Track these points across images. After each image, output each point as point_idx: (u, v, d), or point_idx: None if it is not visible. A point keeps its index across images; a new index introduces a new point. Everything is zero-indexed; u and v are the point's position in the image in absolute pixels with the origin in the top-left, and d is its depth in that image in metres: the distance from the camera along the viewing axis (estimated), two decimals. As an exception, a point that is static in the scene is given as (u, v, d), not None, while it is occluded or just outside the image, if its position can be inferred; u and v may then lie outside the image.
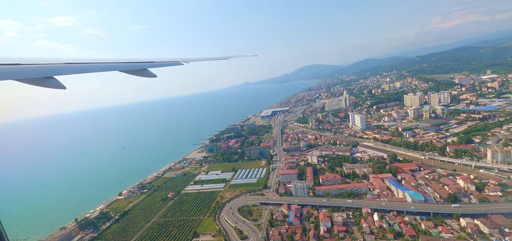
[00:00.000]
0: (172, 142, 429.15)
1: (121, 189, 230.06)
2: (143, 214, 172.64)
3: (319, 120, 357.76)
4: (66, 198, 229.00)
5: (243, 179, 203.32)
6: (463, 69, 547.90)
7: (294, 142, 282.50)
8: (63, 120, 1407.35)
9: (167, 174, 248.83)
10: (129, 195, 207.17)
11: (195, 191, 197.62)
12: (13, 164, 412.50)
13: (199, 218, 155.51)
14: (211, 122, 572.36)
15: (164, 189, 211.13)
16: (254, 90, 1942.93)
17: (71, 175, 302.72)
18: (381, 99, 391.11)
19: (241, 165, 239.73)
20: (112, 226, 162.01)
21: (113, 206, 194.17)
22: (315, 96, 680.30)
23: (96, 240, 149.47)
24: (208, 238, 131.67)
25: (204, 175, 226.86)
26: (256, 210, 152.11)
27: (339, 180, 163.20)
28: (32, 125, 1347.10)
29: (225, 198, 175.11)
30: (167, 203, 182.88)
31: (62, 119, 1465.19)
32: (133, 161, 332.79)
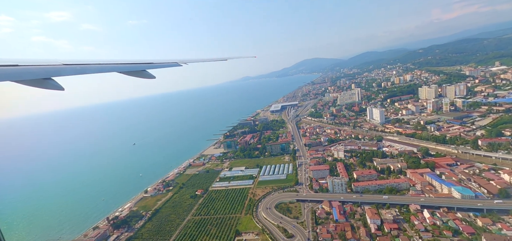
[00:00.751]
0: (183, 138, 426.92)
1: (144, 187, 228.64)
2: (175, 212, 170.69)
3: (333, 114, 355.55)
4: (89, 196, 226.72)
5: (270, 175, 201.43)
6: (469, 61, 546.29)
7: (313, 137, 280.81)
8: (63, 117, 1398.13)
9: (189, 171, 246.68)
10: (155, 193, 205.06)
11: (223, 188, 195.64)
12: (22, 164, 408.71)
13: (235, 216, 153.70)
14: (219, 118, 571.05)
15: (190, 186, 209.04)
16: (255, 84, 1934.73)
17: (87, 173, 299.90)
18: (394, 92, 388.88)
19: (264, 161, 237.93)
20: (146, 224, 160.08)
21: (141, 204, 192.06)
22: (321, 90, 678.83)
23: (133, 239, 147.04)
24: (251, 237, 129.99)
25: (228, 172, 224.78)
26: (294, 207, 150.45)
27: (375, 175, 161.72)
28: (32, 122, 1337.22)
29: (258, 195, 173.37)
30: (197, 201, 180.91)
31: (62, 116, 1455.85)
32: (147, 158, 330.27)
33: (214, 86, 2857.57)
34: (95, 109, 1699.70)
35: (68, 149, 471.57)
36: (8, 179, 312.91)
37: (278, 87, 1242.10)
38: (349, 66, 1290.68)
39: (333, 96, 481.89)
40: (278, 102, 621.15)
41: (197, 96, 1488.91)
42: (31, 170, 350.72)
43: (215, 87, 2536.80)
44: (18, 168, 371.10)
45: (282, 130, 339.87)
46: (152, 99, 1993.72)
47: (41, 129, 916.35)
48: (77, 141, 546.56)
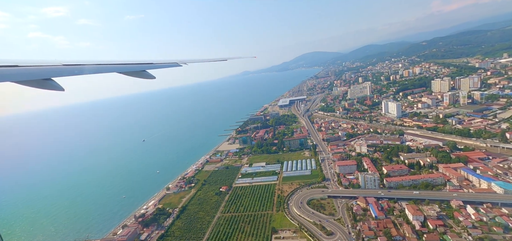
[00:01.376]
0: (192, 134, 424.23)
1: (162, 184, 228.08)
2: (202, 209, 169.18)
3: (346, 108, 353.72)
4: (108, 194, 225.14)
5: (294, 171, 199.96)
6: (475, 53, 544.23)
7: (330, 132, 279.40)
8: (65, 114, 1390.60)
9: (207, 167, 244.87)
10: (177, 190, 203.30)
11: (247, 184, 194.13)
12: (33, 162, 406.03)
13: (266, 213, 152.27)
14: (225, 113, 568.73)
15: (212, 183, 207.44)
16: (256, 79, 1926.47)
17: (101, 170, 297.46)
18: (406, 85, 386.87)
19: (284, 157, 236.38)
20: (175, 222, 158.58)
21: (165, 201, 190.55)
22: (326, 83, 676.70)
23: (165, 237, 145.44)
24: (289, 235, 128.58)
25: (249, 168, 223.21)
26: (327, 203, 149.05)
27: (406, 170, 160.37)
28: (33, 120, 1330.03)
29: (285, 192, 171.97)
30: (223, 198, 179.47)
31: (64, 113, 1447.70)
32: (160, 155, 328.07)
33: (213, 81, 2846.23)
34: (96, 106, 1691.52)
35: (77, 146, 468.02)
36: (21, 178, 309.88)
37: (280, 81, 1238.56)
38: (350, 59, 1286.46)
39: (342, 90, 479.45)
40: (284, 97, 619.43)
41: (197, 92, 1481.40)
42: (43, 168, 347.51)
43: (214, 82, 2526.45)
44: (29, 166, 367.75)
45: (295, 125, 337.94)
46: (151, 96, 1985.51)
47: (45, 126, 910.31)
48: (85, 138, 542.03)
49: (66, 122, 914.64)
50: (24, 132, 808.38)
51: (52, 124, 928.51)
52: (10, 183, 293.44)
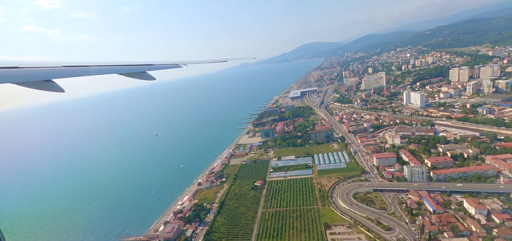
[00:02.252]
0: (206, 128, 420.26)
1: (188, 178, 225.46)
2: (242, 204, 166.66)
3: (363, 99, 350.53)
4: (138, 190, 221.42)
5: (328, 164, 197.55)
6: (483, 41, 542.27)
7: (353, 123, 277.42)
8: (65, 108, 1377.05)
9: (233, 161, 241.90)
10: (209, 185, 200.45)
11: (282, 178, 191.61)
12: (45, 158, 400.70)
13: (311, 207, 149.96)
14: (234, 106, 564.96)
15: (243, 177, 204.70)
16: (255, 71, 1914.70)
17: (122, 165, 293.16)
18: (422, 75, 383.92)
19: (312, 150, 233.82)
20: (217, 218, 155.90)
21: (199, 196, 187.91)
22: (333, 74, 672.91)
23: (211, 233, 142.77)
24: (343, 230, 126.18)
25: (279, 162, 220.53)
26: (374, 197, 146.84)
27: (450, 162, 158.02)
28: (35, 114, 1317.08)
29: (325, 185, 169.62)
30: (260, 192, 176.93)
31: (63, 107, 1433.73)
32: (177, 149, 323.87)
33: (212, 74, 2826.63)
34: (96, 100, 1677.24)
35: (88, 142, 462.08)
36: (39, 176, 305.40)
37: (281, 73, 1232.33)
38: (351, 49, 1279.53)
39: (353, 81, 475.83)
40: (293, 88, 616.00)
41: (198, 85, 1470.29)
42: (60, 165, 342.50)
43: (213, 75, 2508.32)
44: (47, 163, 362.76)
45: (314, 117, 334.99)
46: (151, 89, 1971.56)
47: (50, 121, 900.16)
48: (94, 133, 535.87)
49: (69, 117, 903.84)
50: (30, 128, 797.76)
51: (57, 119, 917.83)
52: (27, 182, 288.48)
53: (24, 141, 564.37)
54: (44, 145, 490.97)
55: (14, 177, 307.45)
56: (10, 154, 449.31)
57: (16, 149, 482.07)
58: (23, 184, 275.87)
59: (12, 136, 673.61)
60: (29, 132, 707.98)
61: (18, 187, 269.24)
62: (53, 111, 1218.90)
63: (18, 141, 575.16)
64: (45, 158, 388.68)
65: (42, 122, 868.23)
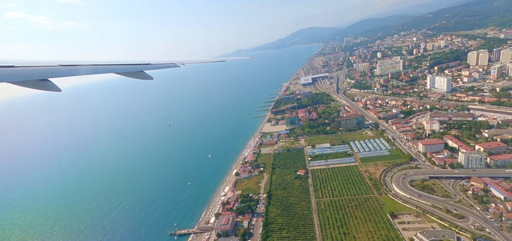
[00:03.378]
0: (219, 116, 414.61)
1: (222, 169, 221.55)
2: (290, 194, 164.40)
3: (382, 84, 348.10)
4: (171, 182, 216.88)
5: (369, 152, 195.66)
6: (487, 24, 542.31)
7: (380, 109, 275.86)
8: (62, 97, 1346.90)
9: (264, 150, 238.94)
10: (248, 175, 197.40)
11: (324, 166, 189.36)
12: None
13: (368, 196, 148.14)
14: (242, 93, 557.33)
15: (282, 166, 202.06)
16: (256, 57, 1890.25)
17: (145, 158, 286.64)
18: (438, 59, 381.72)
19: (346, 137, 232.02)
20: (270, 208, 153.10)
21: (241, 187, 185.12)
22: (339, 60, 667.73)
23: (269, 224, 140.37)
24: (411, 219, 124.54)
25: (315, 150, 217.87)
26: (432, 185, 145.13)
27: (504, 148, 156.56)
28: (35, 103, 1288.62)
29: (373, 173, 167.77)
30: (306, 181, 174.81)
31: (60, 97, 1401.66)
32: (199, 139, 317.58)
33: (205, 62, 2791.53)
34: (93, 88, 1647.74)
35: (100, 132, 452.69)
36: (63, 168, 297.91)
37: (281, 59, 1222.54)
38: (349, 34, 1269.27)
39: (365, 66, 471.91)
40: (299, 74, 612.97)
41: (196, 74, 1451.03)
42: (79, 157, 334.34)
43: (210, 62, 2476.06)
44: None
45: (334, 103, 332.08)
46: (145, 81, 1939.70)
47: (48, 112, 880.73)
48: (104, 123, 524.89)
49: (72, 108, 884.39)
50: (27, 117, 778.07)
51: (57, 108, 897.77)
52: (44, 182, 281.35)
53: (27, 135, 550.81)
54: (50, 139, 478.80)
55: (32, 174, 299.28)
56: (30, 148, 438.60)
57: (27, 145, 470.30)
58: (42, 183, 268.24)
59: (25, 127, 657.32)
60: (30, 124, 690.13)
61: (45, 187, 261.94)
62: (51, 102, 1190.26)
63: (28, 135, 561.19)
64: (61, 151, 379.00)
65: (40, 114, 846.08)
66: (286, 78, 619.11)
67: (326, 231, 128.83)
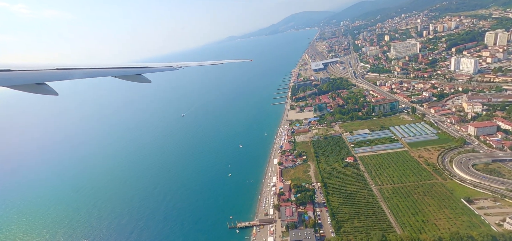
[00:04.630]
0: (232, 104, 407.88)
1: (259, 159, 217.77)
2: (346, 182, 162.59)
3: (402, 68, 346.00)
4: (210, 174, 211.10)
5: (415, 136, 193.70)
6: (489, 4, 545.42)
7: (407, 92, 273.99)
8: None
9: (298, 138, 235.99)
10: (292, 164, 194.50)
11: (370, 153, 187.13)
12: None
13: (431, 182, 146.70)
14: (250, 79, 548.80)
15: (325, 154, 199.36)
16: (248, 44, 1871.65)
17: (171, 150, 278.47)
18: (454, 40, 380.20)
19: (383, 122, 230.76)
20: (330, 198, 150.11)
21: (290, 177, 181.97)
22: (343, 44, 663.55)
23: (337, 214, 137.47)
24: (490, 203, 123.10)
25: (355, 136, 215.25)
26: (498, 168, 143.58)
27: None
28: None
29: (428, 158, 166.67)
30: (357, 168, 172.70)
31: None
32: (220, 129, 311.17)
33: (201, 48, 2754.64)
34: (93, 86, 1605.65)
35: (110, 124, 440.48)
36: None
37: (278, 45, 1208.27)
38: (345, 18, 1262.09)
39: (378, 50, 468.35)
40: (304, 60, 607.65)
41: (193, 60, 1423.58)
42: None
43: (201, 50, 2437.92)
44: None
45: (356, 88, 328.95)
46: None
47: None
48: (112, 115, 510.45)
49: (78, 97, 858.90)
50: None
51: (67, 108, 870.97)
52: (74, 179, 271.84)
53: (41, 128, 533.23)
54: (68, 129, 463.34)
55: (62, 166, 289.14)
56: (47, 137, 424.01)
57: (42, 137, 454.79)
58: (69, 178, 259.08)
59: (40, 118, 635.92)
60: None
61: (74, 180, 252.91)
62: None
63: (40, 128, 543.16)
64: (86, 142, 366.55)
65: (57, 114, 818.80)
66: (292, 64, 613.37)
67: (402, 218, 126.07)
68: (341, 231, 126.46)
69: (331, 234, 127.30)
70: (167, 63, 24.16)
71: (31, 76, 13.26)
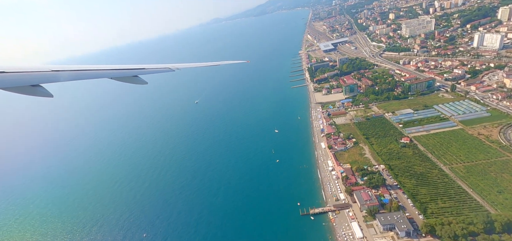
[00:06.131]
0: (247, 90, 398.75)
1: (307, 143, 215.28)
2: (411, 163, 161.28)
3: (422, 46, 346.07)
4: (256, 160, 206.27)
5: (465, 114, 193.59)
6: None
7: (436, 70, 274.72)
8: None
9: (337, 120, 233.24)
10: (344, 148, 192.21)
11: (423, 132, 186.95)
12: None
13: (504, 159, 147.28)
14: (255, 63, 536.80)
15: (374, 135, 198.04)
16: (236, 26, 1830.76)
17: (204, 138, 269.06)
18: (467, 16, 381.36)
19: (423, 100, 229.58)
20: (400, 179, 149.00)
21: (345, 160, 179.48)
22: (344, 24, 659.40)
23: (416, 195, 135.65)
24: None
25: (397, 116, 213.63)
26: None
27: None
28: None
29: (490, 136, 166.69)
30: (416, 148, 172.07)
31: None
32: (242, 115, 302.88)
33: (186, 31, 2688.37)
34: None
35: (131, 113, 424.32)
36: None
37: (271, 28, 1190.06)
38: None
39: (388, 28, 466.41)
40: (308, 41, 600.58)
41: (183, 43, 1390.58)
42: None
43: (188, 33, 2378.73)
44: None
45: (379, 68, 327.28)
46: (132, 49, 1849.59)
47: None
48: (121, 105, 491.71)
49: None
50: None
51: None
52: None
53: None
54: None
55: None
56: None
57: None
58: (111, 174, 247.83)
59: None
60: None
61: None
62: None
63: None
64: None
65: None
66: (296, 46, 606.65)
67: (490, 196, 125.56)
68: (428, 213, 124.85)
69: (419, 216, 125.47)
70: (163, 65, 23.98)
71: (25, 77, 12.95)
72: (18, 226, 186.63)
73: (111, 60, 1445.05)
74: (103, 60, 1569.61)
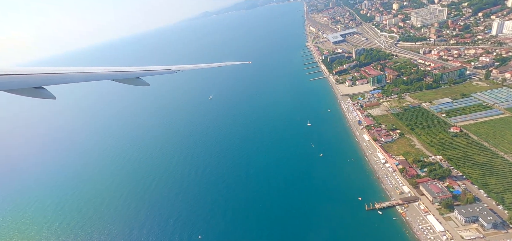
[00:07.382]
0: (260, 84, 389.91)
1: (346, 136, 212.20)
2: (467, 152, 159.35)
3: (438, 35, 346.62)
4: (301, 156, 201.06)
5: (508, 102, 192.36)
6: None
7: (461, 59, 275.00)
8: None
9: (372, 111, 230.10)
10: (390, 139, 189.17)
11: (471, 121, 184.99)
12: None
13: None
14: (262, 57, 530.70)
15: (418, 126, 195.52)
16: (227, 20, 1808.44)
17: (235, 136, 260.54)
18: (478, 5, 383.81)
19: (459, 89, 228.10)
20: (464, 170, 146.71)
21: (395, 151, 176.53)
22: (346, 15, 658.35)
23: (485, 186, 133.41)
24: None
25: (435, 106, 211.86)
26: None
27: None
28: None
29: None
30: (468, 137, 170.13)
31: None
32: (266, 108, 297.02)
33: (171, 27, 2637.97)
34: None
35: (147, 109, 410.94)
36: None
37: (266, 21, 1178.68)
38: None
39: (397, 18, 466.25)
40: (312, 34, 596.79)
41: (176, 38, 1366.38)
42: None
43: (179, 27, 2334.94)
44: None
45: (399, 58, 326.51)
46: (127, 44, 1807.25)
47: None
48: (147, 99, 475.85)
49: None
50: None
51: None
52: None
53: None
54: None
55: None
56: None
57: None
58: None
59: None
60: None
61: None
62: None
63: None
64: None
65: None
66: (300, 38, 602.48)
67: None
68: (507, 203, 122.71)
69: (498, 207, 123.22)
70: (165, 67, 23.95)
71: (28, 80, 13.05)
72: (19, 227, 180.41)
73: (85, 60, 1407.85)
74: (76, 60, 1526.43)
